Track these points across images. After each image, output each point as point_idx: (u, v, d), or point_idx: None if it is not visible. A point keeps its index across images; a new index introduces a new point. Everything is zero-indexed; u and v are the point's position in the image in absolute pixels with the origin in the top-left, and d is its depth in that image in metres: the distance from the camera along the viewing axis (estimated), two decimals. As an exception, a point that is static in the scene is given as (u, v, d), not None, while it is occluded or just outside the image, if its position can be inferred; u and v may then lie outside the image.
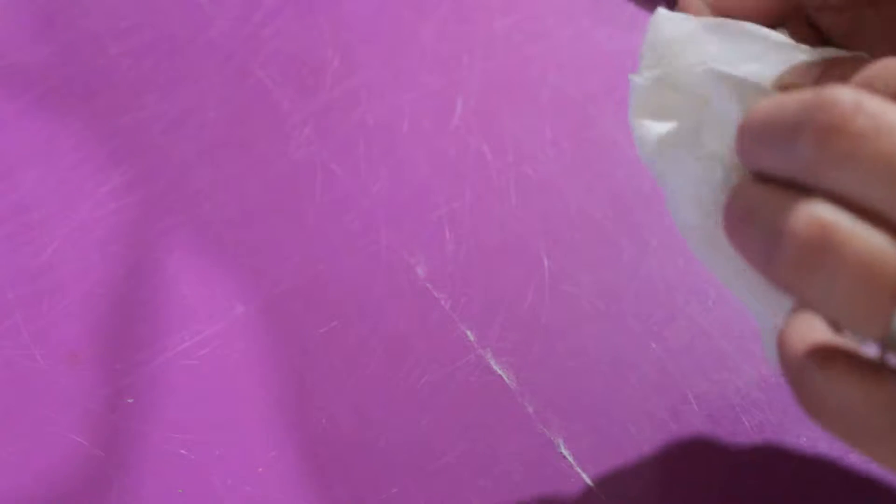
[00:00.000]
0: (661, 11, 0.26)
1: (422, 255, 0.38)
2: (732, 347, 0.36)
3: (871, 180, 0.20)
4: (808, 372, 0.21)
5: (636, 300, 0.37)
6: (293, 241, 0.38)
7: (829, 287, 0.20)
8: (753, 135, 0.22)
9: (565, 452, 0.33)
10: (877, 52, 0.25)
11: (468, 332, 0.36)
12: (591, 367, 0.35)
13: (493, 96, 0.43)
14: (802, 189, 0.21)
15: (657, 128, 0.25)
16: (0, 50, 0.44)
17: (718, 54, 0.25)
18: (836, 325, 0.22)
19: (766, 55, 0.25)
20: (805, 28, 0.27)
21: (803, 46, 0.25)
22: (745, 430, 0.34)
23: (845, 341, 0.21)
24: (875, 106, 0.20)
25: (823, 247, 0.20)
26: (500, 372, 0.35)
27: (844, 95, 0.20)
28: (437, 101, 0.42)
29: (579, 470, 0.33)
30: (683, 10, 0.26)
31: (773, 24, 0.26)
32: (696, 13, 0.26)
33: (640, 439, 0.34)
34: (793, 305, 0.22)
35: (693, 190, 0.25)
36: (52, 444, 0.34)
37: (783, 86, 0.25)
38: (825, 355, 0.21)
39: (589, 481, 0.33)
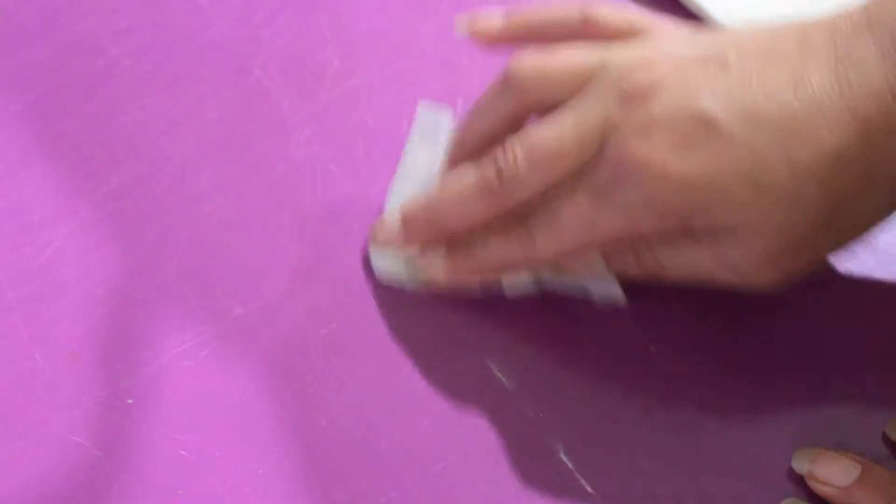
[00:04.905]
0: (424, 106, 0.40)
1: (421, 255, 0.38)
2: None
3: None
4: None
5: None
6: (293, 241, 0.38)
7: None
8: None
9: (565, 458, 0.33)
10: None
11: (468, 335, 0.36)
12: (592, 372, 0.36)
13: (493, 96, 0.43)
14: None
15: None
16: (0, 50, 0.44)
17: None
18: None
19: None
20: None
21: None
22: (748, 434, 0.34)
23: None
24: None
25: None
26: (499, 376, 0.35)
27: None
28: (437, 101, 0.42)
29: (578, 475, 0.33)
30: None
31: None
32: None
33: (640, 445, 0.34)
34: None
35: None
36: (52, 444, 0.34)
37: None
38: None
39: (588, 487, 0.33)
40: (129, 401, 0.35)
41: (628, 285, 0.36)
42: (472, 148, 0.36)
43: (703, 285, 0.33)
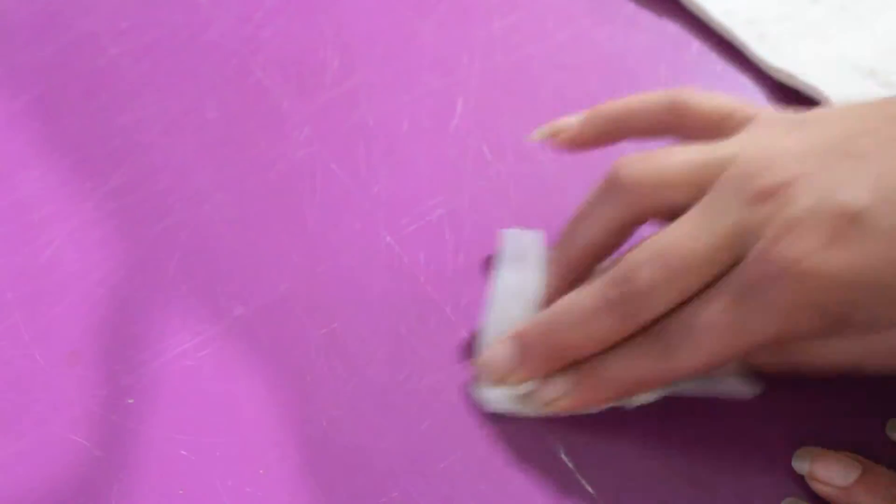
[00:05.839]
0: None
1: (422, 255, 0.38)
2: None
3: None
4: None
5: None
6: (293, 241, 0.38)
7: None
8: None
9: (565, 458, 0.33)
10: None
11: (468, 335, 0.36)
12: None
13: (493, 96, 0.43)
14: None
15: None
16: (0, 50, 0.44)
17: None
18: None
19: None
20: None
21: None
22: (748, 434, 0.34)
23: None
24: None
25: None
26: (500, 375, 0.35)
27: None
28: (437, 101, 0.42)
29: (579, 476, 0.33)
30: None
31: None
32: None
33: (641, 445, 0.34)
34: None
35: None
36: (52, 444, 0.34)
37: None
38: None
39: (589, 488, 0.33)
40: (129, 401, 0.35)
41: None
42: (578, 262, 0.34)
43: (845, 375, 0.32)
